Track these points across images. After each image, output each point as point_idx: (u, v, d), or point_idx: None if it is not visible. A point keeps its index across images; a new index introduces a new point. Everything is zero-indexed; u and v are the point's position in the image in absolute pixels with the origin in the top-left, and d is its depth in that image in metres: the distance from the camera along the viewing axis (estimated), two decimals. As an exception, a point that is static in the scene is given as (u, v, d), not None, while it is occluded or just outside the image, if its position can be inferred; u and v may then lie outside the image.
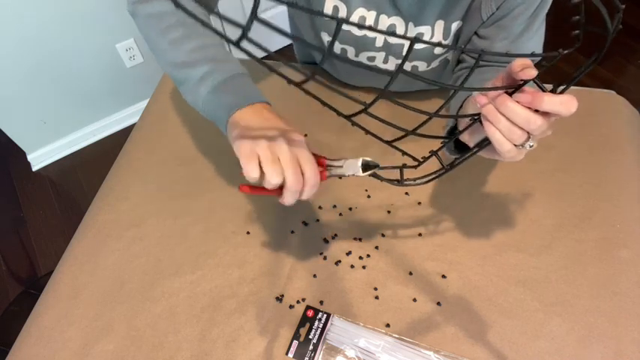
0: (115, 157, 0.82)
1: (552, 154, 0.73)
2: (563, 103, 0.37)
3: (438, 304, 0.59)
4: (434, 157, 0.50)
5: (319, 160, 0.50)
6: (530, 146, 0.41)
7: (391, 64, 0.73)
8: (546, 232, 0.65)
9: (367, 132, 0.45)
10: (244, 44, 0.26)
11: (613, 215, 0.66)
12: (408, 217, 0.68)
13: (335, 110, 0.40)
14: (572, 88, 0.90)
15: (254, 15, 0.24)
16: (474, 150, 0.47)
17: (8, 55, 1.48)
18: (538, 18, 0.59)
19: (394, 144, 0.47)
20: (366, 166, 0.50)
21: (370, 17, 0.65)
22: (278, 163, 0.44)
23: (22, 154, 1.82)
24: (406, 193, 0.71)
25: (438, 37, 0.65)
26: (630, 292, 0.58)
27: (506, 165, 0.72)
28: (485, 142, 0.45)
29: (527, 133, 0.40)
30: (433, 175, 0.51)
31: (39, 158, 1.84)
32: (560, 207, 0.67)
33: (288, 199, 0.46)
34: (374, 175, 0.51)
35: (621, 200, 0.67)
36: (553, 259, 0.62)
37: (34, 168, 1.85)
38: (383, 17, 0.64)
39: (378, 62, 0.73)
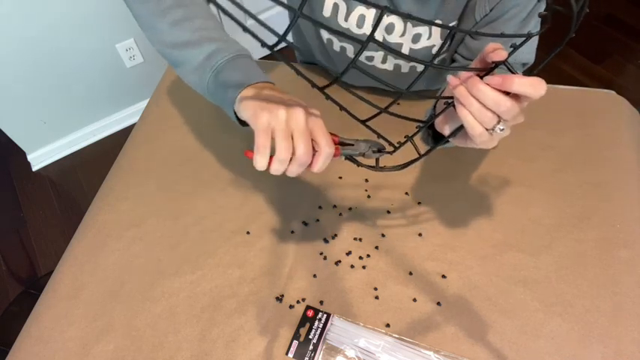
0: (115, 157, 0.82)
1: (552, 154, 0.73)
2: (533, 84, 0.37)
3: (438, 304, 0.59)
4: (412, 147, 0.50)
5: (333, 137, 0.49)
6: (501, 130, 0.41)
7: (390, 64, 0.73)
8: (546, 232, 0.65)
9: (341, 108, 0.45)
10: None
11: (613, 215, 0.66)
12: (408, 217, 0.68)
13: (309, 80, 0.40)
14: (572, 88, 0.89)
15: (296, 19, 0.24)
16: (448, 137, 0.47)
17: (8, 55, 1.48)
18: (531, 23, 0.59)
19: (370, 125, 0.48)
20: (377, 151, 0.51)
21: (369, 15, 0.65)
22: (290, 139, 0.44)
23: (22, 154, 1.82)
24: (406, 193, 0.71)
25: (435, 37, 0.65)
26: (630, 292, 0.58)
27: (505, 165, 0.72)
28: (459, 130, 0.45)
29: (498, 116, 0.40)
30: (408, 162, 0.51)
31: (39, 158, 1.84)
32: (560, 207, 0.67)
33: (293, 169, 0.45)
34: (351, 160, 0.51)
35: (621, 200, 0.67)
36: (553, 259, 0.62)
37: (34, 168, 1.85)
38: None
39: (377, 62, 0.73)
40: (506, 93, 0.39)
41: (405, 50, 0.68)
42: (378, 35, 0.68)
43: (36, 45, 1.51)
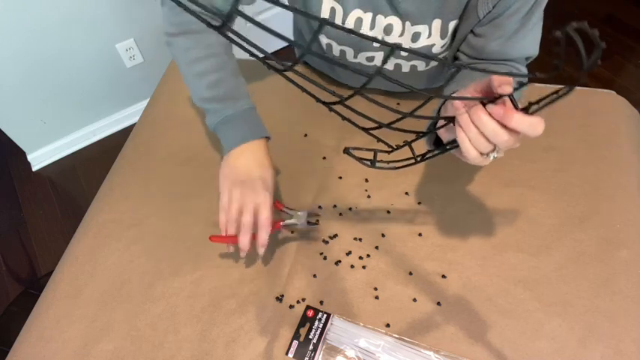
0: (115, 157, 0.82)
1: (552, 154, 0.73)
2: (532, 125, 0.37)
3: (438, 304, 0.59)
4: (411, 150, 0.50)
5: (277, 204, 0.64)
6: (494, 157, 0.43)
7: (390, 64, 0.73)
8: (546, 232, 0.65)
9: (343, 118, 0.46)
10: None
11: (613, 215, 0.66)
12: (408, 217, 0.68)
13: (314, 97, 0.41)
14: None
15: (235, 6, 0.25)
16: (445, 148, 0.48)
17: (8, 55, 1.48)
18: (534, 16, 0.60)
19: (371, 132, 0.48)
20: (310, 219, 0.64)
21: (367, 18, 0.65)
22: (239, 212, 0.60)
23: (22, 154, 1.82)
24: (406, 193, 0.71)
25: (435, 36, 0.65)
26: (630, 292, 0.58)
27: (506, 165, 0.72)
28: (456, 144, 0.46)
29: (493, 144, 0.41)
30: (404, 163, 0.52)
31: (39, 158, 1.84)
32: (560, 207, 0.67)
33: (242, 241, 0.59)
34: (348, 153, 0.51)
35: (621, 200, 0.67)
36: (553, 259, 0.62)
37: (34, 168, 1.85)
38: (379, 17, 0.64)
39: (377, 62, 0.73)
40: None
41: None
42: (377, 37, 0.68)
43: (36, 45, 1.51)
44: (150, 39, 1.71)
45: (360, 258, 0.64)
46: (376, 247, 0.65)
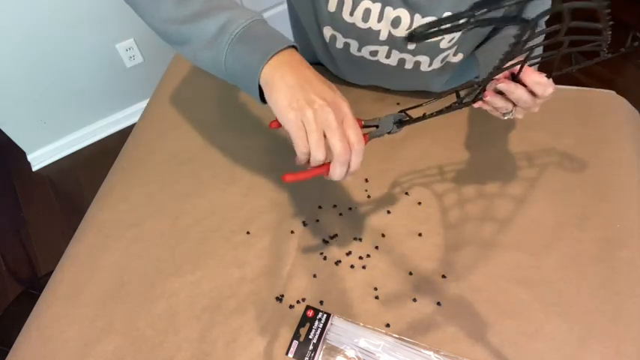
0: (115, 157, 0.82)
1: (552, 154, 0.73)
2: (540, 83, 0.49)
3: (438, 304, 0.59)
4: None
5: (358, 121, 0.48)
6: (512, 116, 0.54)
7: (394, 59, 0.72)
8: (546, 232, 0.65)
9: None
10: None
11: (613, 215, 0.66)
12: (408, 217, 0.68)
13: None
14: (572, 88, 0.90)
15: None
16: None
17: (8, 55, 1.48)
18: None
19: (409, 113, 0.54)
20: (399, 122, 0.52)
21: (375, 9, 0.64)
22: (322, 139, 0.43)
23: (22, 154, 1.82)
24: (406, 193, 0.71)
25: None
26: (630, 292, 0.58)
27: (506, 165, 0.72)
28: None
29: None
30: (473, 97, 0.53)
31: (39, 158, 1.85)
32: (560, 207, 0.67)
33: (337, 171, 0.44)
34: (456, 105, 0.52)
35: (621, 200, 0.67)
36: (553, 259, 0.62)
37: (34, 168, 1.85)
38: (388, 9, 0.64)
39: (381, 57, 0.72)
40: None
41: (412, 44, 0.67)
42: (384, 30, 0.67)
43: (36, 45, 1.51)
44: (150, 39, 1.72)
45: (360, 258, 0.64)
46: (376, 247, 0.65)
